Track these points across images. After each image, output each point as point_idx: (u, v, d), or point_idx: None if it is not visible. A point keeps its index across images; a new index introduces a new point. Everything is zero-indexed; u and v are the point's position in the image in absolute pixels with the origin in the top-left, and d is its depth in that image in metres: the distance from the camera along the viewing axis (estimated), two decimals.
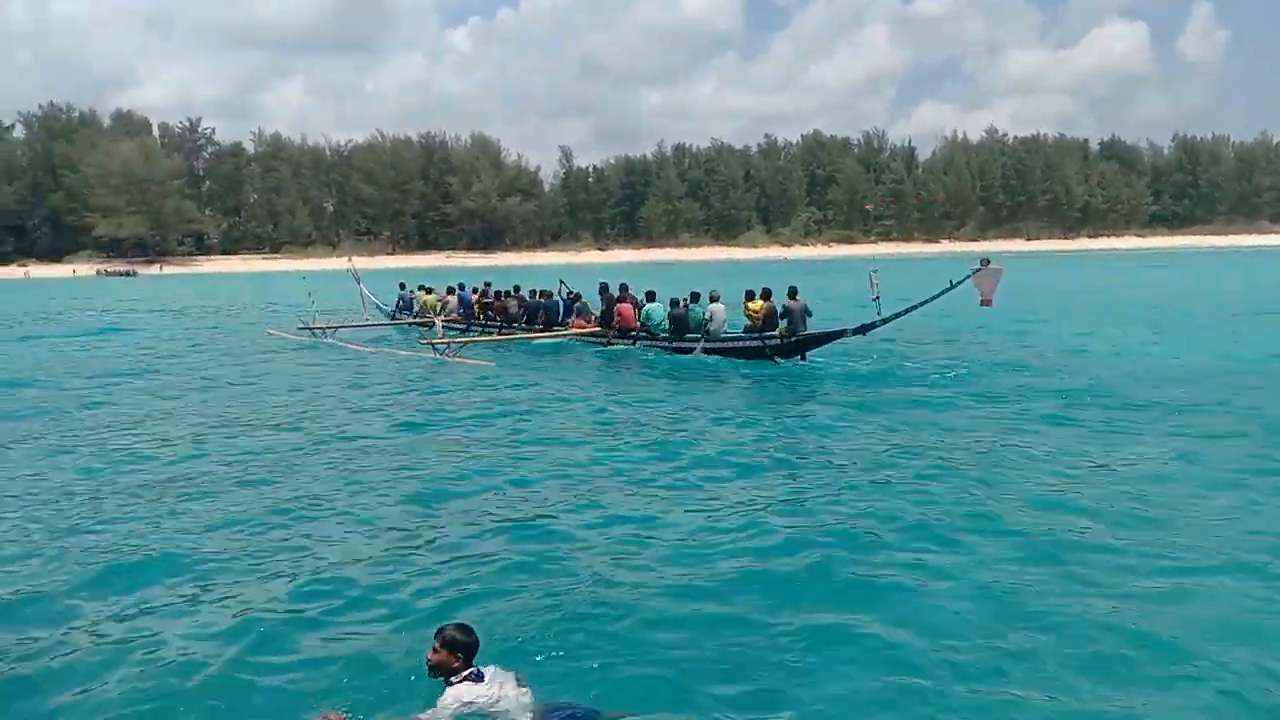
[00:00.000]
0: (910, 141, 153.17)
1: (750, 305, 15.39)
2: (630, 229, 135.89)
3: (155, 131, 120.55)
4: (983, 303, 12.44)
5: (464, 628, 4.23)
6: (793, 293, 14.71)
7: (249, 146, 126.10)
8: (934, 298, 13.34)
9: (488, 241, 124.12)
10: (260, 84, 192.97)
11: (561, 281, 19.65)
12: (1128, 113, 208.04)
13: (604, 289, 17.65)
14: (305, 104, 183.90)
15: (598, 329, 17.09)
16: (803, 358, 14.60)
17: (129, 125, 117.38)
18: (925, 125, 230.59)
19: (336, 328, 21.22)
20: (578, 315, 18.18)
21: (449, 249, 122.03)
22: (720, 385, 13.47)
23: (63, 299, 48.69)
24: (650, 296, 16.65)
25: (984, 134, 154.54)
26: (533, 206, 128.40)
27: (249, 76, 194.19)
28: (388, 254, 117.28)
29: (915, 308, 13.71)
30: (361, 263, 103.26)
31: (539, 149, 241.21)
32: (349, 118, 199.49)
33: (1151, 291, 36.26)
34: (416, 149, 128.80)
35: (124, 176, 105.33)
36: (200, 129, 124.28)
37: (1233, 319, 23.47)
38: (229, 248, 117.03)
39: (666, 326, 16.00)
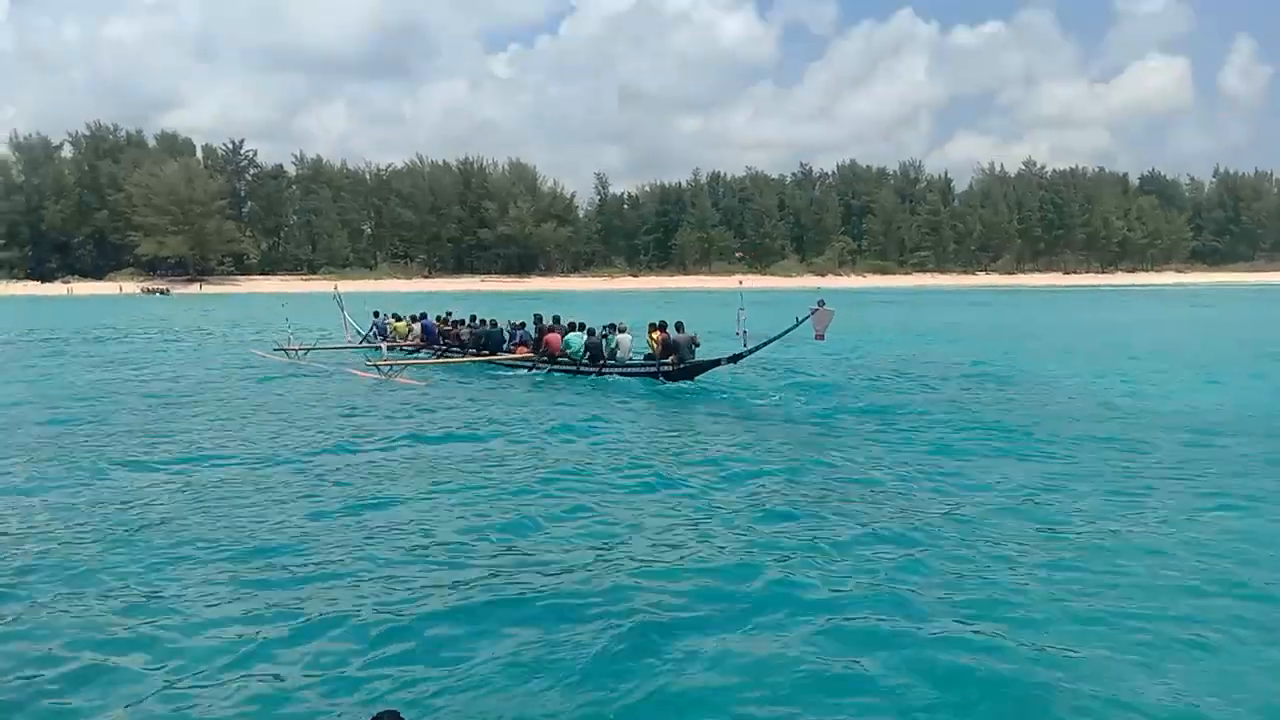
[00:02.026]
0: (947, 173, 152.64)
1: (651, 335, 17.59)
2: (664, 256, 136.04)
3: (199, 153, 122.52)
4: (816, 337, 14.50)
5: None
6: (679, 326, 16.92)
7: (290, 169, 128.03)
8: (784, 334, 15.11)
9: (522, 266, 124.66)
10: (303, 107, 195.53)
11: (537, 316, 21.38)
12: (1167, 147, 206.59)
13: (538, 319, 20.11)
14: (346, 128, 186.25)
15: (529, 355, 19.34)
16: (692, 380, 16.60)
17: (174, 146, 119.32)
18: (961, 157, 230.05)
19: (309, 349, 22.56)
20: (520, 343, 20.01)
21: (483, 274, 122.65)
22: (604, 400, 15.28)
23: (85, 316, 49.30)
24: (572, 327, 19.02)
25: (1022, 166, 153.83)
26: (567, 232, 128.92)
27: (292, 100, 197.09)
28: (423, 277, 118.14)
29: (771, 341, 15.49)
30: (397, 285, 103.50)
31: (575, 174, 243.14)
32: (389, 142, 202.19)
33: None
34: (454, 174, 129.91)
35: (168, 196, 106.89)
36: (243, 151, 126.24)
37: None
38: (268, 268, 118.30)
39: (583, 354, 18.14)
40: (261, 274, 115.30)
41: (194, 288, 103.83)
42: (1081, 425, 12.75)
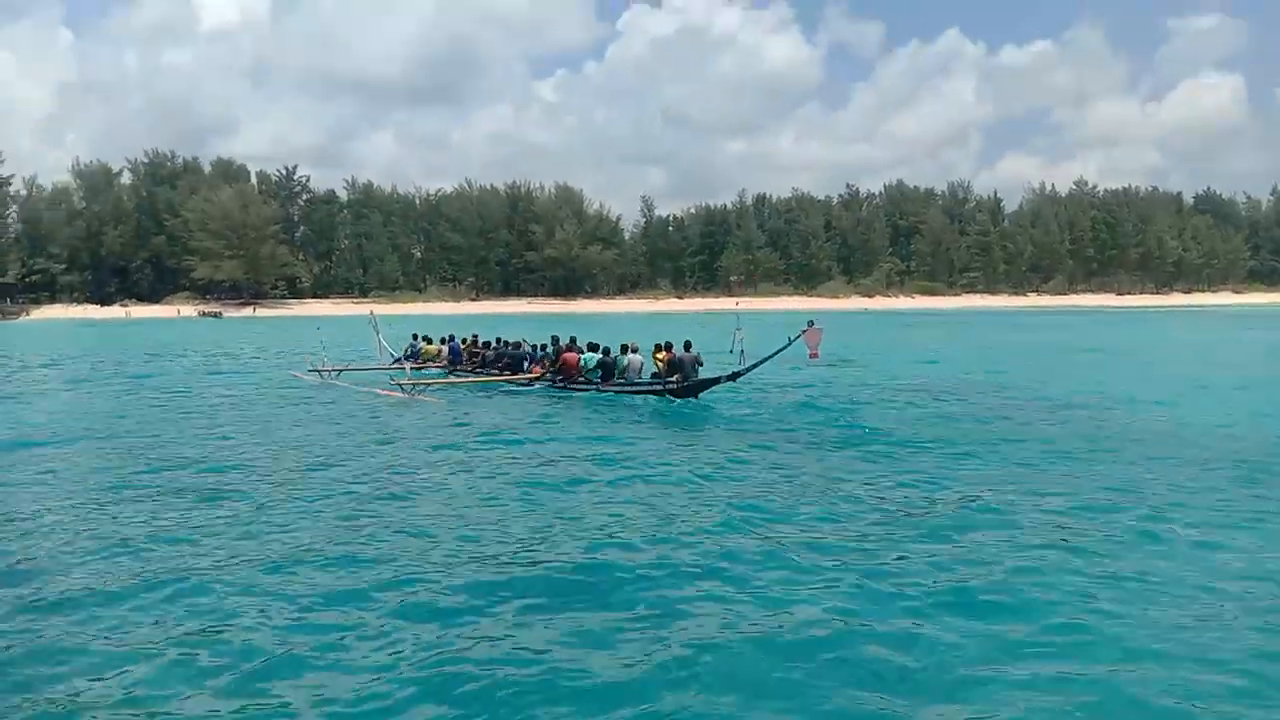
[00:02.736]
0: (996, 193, 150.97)
1: (658, 355, 18.59)
2: (709, 278, 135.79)
3: (253, 179, 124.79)
4: (811, 356, 15.14)
5: None
6: (686, 346, 17.75)
7: (342, 194, 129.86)
8: (778, 352, 15.74)
9: (568, 289, 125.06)
10: (354, 133, 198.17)
11: (554, 337, 22.17)
12: (1222, 165, 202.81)
13: (555, 340, 20.95)
14: (397, 153, 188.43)
15: (548, 373, 20.11)
16: (696, 397, 17.36)
17: (229, 173, 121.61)
18: (1010, 177, 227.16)
19: (340, 370, 23.43)
20: (536, 363, 21.04)
21: (530, 296, 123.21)
22: (617, 417, 15.97)
23: (132, 339, 50.18)
24: (590, 347, 19.80)
25: (1073, 186, 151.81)
26: (613, 255, 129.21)
27: (343, 126, 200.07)
28: (471, 300, 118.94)
29: (766, 360, 16.31)
30: (446, 308, 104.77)
31: (620, 197, 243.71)
32: (438, 166, 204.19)
33: None
34: (502, 198, 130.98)
35: (223, 222, 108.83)
36: (296, 177, 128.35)
37: None
38: (320, 291, 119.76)
39: (597, 372, 18.93)
40: (314, 297, 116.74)
41: (248, 311, 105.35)
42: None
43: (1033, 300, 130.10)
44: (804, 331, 14.79)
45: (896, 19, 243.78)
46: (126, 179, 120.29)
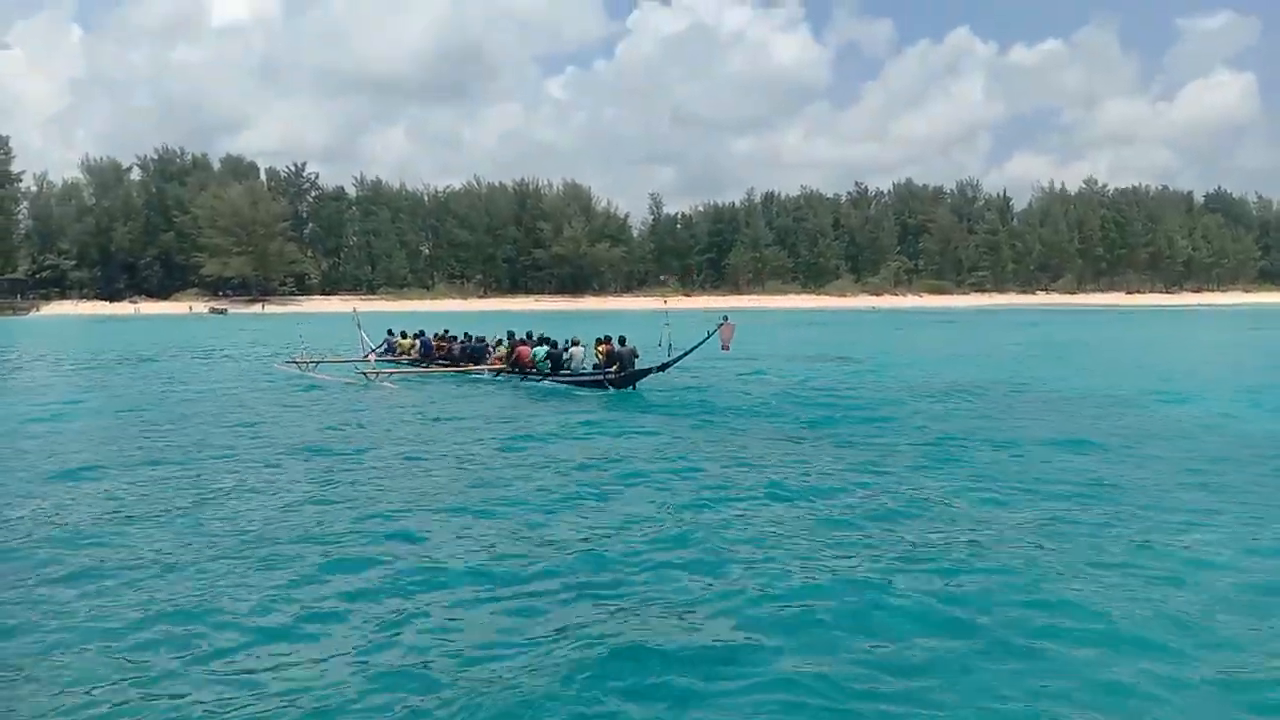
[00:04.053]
0: (1005, 192, 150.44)
1: (599, 348, 20.21)
2: (717, 275, 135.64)
3: (263, 175, 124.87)
4: (723, 348, 17.42)
5: None
6: (622, 340, 19.44)
7: (351, 191, 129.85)
8: (698, 345, 18.00)
9: (576, 286, 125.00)
10: (363, 130, 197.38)
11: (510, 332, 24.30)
12: (1233, 164, 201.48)
13: (511, 336, 23.00)
14: (406, 150, 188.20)
15: (503, 365, 22.32)
16: (633, 386, 19.09)
17: (238, 169, 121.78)
18: (1019, 176, 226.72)
19: (317, 362, 24.93)
20: (498, 356, 23.00)
21: (538, 293, 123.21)
22: (560, 404, 17.63)
23: (133, 335, 50.30)
24: (540, 341, 21.91)
25: (1083, 185, 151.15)
26: (621, 252, 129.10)
27: (353, 123, 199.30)
28: (479, 297, 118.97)
29: (689, 353, 18.45)
30: (454, 304, 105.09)
31: (628, 195, 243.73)
32: (447, 164, 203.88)
33: None
34: (510, 195, 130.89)
35: (232, 218, 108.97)
36: (305, 173, 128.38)
37: None
38: (329, 288, 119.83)
39: (546, 364, 20.78)
40: (322, 294, 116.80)
41: (256, 307, 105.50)
42: None
43: (1041, 299, 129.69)
44: (719, 327, 17.01)
45: (906, 18, 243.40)
46: (136, 175, 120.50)
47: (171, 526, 8.08)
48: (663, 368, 18.95)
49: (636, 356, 19.45)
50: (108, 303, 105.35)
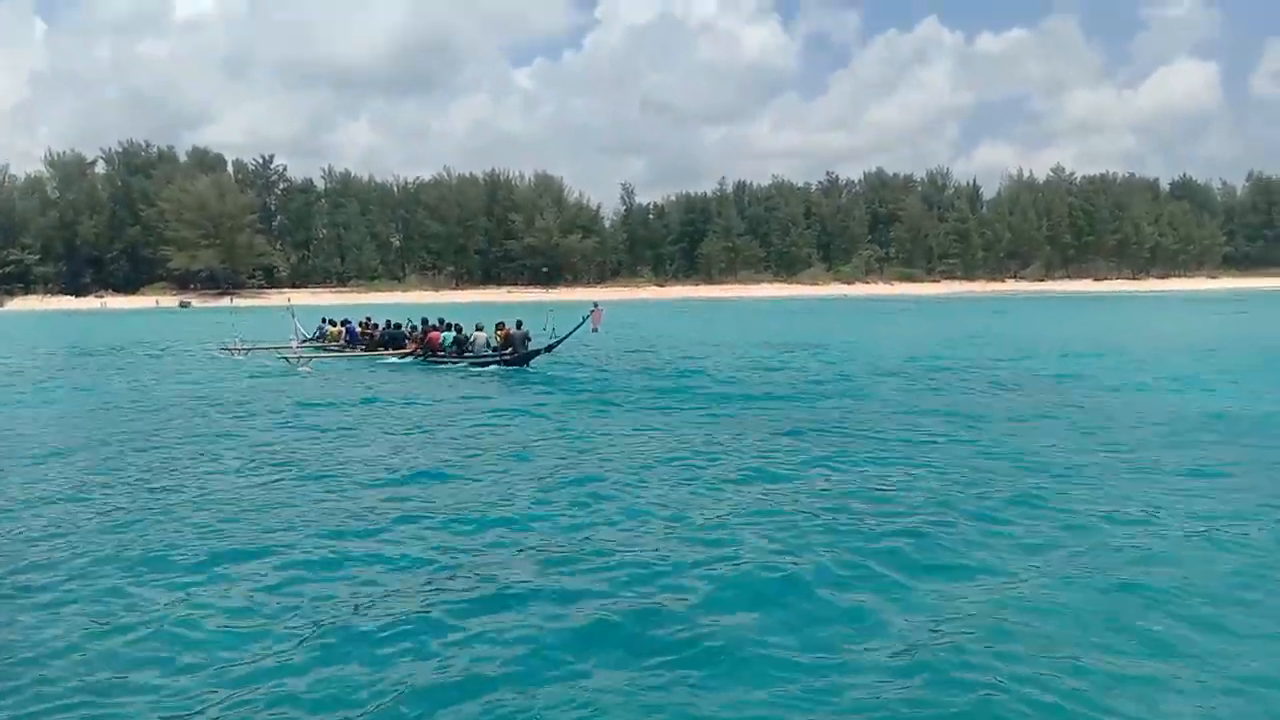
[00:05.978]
0: (974, 180, 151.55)
1: (499, 332, 22.68)
2: (690, 265, 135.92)
3: (230, 168, 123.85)
4: (592, 330, 20.63)
5: None
6: (518, 324, 22.32)
7: (319, 183, 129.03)
8: (575, 329, 21.21)
9: (548, 277, 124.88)
10: (331, 123, 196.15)
11: (440, 319, 26.50)
12: (1198, 152, 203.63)
13: (424, 322, 25.44)
14: (374, 142, 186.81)
15: (417, 350, 24.63)
16: (527, 365, 21.64)
17: (205, 162, 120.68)
18: (988, 164, 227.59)
19: (249, 349, 27.46)
20: (412, 341, 25.37)
21: (510, 284, 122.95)
22: (458, 381, 19.65)
23: (88, 330, 50.24)
24: (446, 327, 24.33)
25: (1050, 173, 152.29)
26: (593, 243, 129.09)
27: (320, 115, 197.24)
28: (451, 288, 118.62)
29: (568, 336, 21.73)
30: (425, 296, 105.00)
31: (600, 186, 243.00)
32: (416, 156, 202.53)
33: None
34: (481, 186, 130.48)
35: (199, 211, 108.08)
36: (273, 166, 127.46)
37: None
38: (298, 281, 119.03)
39: (454, 347, 23.37)
40: (292, 287, 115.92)
41: (225, 300, 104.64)
42: None
43: (1010, 286, 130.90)
44: (591, 313, 20.18)
45: (874, 7, 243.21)
46: (101, 169, 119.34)
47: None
48: (549, 349, 21.97)
49: (529, 340, 22.05)
50: (74, 298, 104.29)
